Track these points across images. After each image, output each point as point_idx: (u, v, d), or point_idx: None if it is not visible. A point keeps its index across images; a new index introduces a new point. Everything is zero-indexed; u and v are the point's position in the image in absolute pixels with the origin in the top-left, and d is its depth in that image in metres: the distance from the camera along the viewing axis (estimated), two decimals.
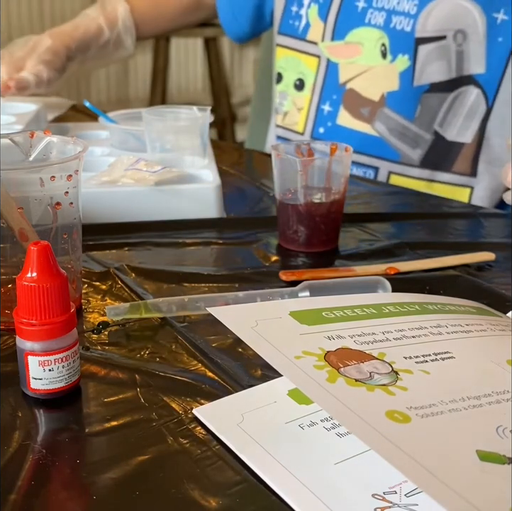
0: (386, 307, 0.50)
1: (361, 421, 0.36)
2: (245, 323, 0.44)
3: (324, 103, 1.02)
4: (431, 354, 0.44)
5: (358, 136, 0.98)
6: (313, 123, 1.03)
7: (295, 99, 1.06)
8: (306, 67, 1.04)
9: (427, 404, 0.38)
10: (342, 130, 1.00)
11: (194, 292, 0.59)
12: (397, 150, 0.97)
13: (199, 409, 0.44)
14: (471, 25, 0.90)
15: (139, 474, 0.39)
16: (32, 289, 0.43)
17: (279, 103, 1.09)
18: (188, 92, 3.29)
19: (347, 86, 0.99)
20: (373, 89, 0.97)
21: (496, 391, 0.40)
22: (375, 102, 0.97)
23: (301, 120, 1.05)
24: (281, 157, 0.69)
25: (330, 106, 1.01)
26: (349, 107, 0.99)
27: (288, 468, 0.39)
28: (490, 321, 0.50)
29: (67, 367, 0.45)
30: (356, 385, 0.39)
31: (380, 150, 0.98)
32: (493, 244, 0.71)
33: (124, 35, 1.14)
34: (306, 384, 0.39)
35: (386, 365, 0.42)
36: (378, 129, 0.97)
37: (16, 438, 0.41)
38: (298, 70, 1.05)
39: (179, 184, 0.76)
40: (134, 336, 0.53)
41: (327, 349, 0.42)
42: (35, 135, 0.56)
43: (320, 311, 0.48)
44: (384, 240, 0.73)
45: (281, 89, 1.08)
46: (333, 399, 0.37)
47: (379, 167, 0.99)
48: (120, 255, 0.68)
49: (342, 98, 1.00)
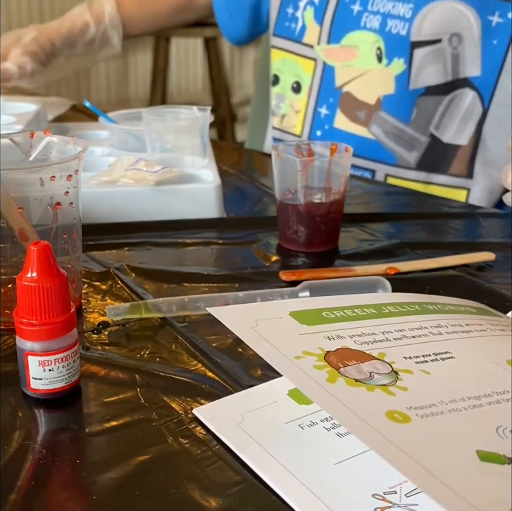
0: (386, 307, 0.50)
1: (361, 422, 0.36)
2: (245, 324, 0.44)
3: (321, 106, 1.02)
4: (431, 354, 0.44)
5: (354, 139, 0.99)
6: (310, 126, 1.03)
7: (292, 102, 1.06)
8: (303, 70, 1.04)
9: (427, 404, 0.38)
10: (339, 133, 1.00)
11: (194, 292, 0.59)
12: (393, 152, 0.97)
13: (199, 409, 0.44)
14: (467, 28, 0.90)
15: (139, 474, 0.39)
16: (32, 289, 0.43)
17: (275, 106, 1.09)
18: (188, 92, 3.29)
19: (343, 89, 0.99)
20: (369, 92, 0.97)
21: (496, 391, 0.40)
22: (371, 105, 0.97)
23: (298, 123, 1.05)
24: (281, 157, 0.69)
25: (327, 109, 1.01)
26: (345, 110, 1.00)
27: (288, 468, 0.39)
28: (490, 321, 0.50)
29: (67, 367, 0.45)
30: (356, 385, 0.39)
31: (376, 153, 0.98)
32: (493, 244, 0.71)
33: (111, 31, 1.14)
34: (306, 384, 0.39)
35: (386, 365, 0.42)
36: (374, 132, 0.98)
37: (16, 438, 0.41)
38: (295, 73, 1.05)
39: (179, 184, 0.76)
40: (134, 336, 0.53)
41: (327, 349, 0.42)
42: (35, 135, 0.56)
43: (320, 312, 0.48)
44: (384, 240, 0.73)
45: (278, 91, 1.08)
46: (333, 400, 0.37)
47: (375, 170, 0.99)
48: (120, 255, 0.68)
49: (339, 101, 1.00)
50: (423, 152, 0.96)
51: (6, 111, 0.96)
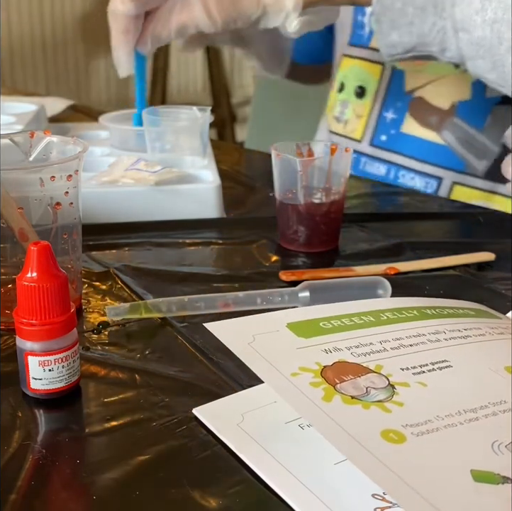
0: (384, 314, 0.50)
1: (355, 444, 0.36)
2: (242, 339, 0.44)
3: (387, 110, 0.99)
4: (428, 364, 0.44)
5: (424, 145, 0.96)
6: (373, 130, 1.01)
7: (355, 107, 1.03)
8: (369, 74, 1.01)
9: (423, 421, 0.38)
10: (406, 138, 0.98)
11: (194, 292, 0.59)
12: (463, 159, 0.95)
13: (199, 409, 0.44)
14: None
15: (139, 474, 0.39)
16: (32, 289, 0.43)
17: (340, 112, 1.06)
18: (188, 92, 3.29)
19: (414, 94, 0.97)
20: (443, 97, 0.94)
21: (492, 402, 0.40)
22: (444, 111, 0.94)
23: (359, 127, 1.02)
24: (281, 157, 0.69)
25: (394, 114, 0.98)
26: (416, 115, 0.97)
27: (288, 467, 0.39)
28: (489, 325, 0.50)
29: (67, 368, 0.45)
30: (352, 402, 0.39)
31: (445, 160, 0.95)
32: (493, 244, 0.71)
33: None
34: (302, 405, 0.39)
35: (383, 379, 0.42)
36: (445, 138, 0.95)
37: (16, 438, 0.41)
38: (359, 78, 1.02)
39: (179, 184, 0.76)
40: (134, 336, 0.53)
41: (323, 364, 0.42)
42: (35, 135, 0.56)
43: (318, 322, 0.48)
44: (383, 240, 0.73)
45: (343, 97, 1.05)
46: (328, 421, 0.37)
47: (442, 178, 0.96)
48: (120, 255, 0.68)
49: (409, 105, 0.97)
50: (493, 162, 0.93)
51: (6, 111, 0.96)
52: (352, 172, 0.95)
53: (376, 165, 1.00)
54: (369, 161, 1.01)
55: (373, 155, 1.00)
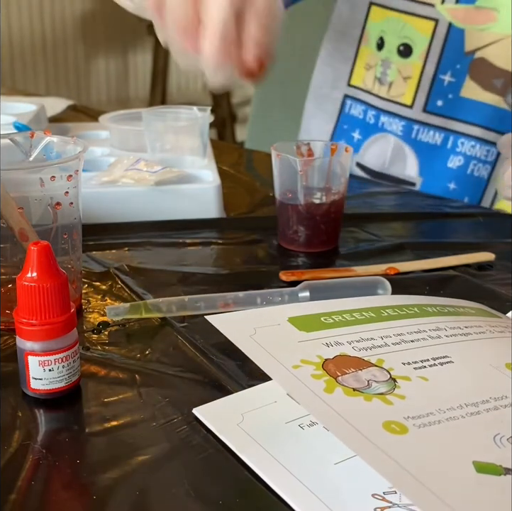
0: (385, 310, 0.50)
1: (358, 434, 0.36)
2: (243, 332, 0.44)
3: (444, 72, 0.91)
4: (429, 359, 0.44)
5: (486, 110, 0.89)
6: (427, 95, 0.92)
7: (400, 67, 0.94)
8: (416, 31, 0.92)
9: (425, 413, 0.38)
10: (466, 102, 0.90)
11: (194, 292, 0.59)
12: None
13: (199, 409, 0.44)
14: None
15: (139, 474, 0.39)
16: (32, 289, 0.43)
17: (382, 73, 0.95)
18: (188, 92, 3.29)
19: (475, 54, 0.88)
20: (509, 58, 0.87)
21: (493, 397, 0.40)
22: (510, 72, 0.87)
23: (408, 91, 0.93)
24: (281, 157, 0.69)
25: (452, 77, 0.90)
26: (478, 78, 0.89)
27: (288, 468, 0.39)
28: (489, 323, 0.50)
29: (67, 368, 0.45)
30: (353, 394, 0.39)
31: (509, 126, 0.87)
32: (493, 244, 0.71)
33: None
34: (303, 395, 0.39)
35: (384, 373, 0.42)
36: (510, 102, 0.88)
37: (16, 438, 0.41)
38: (402, 34, 0.93)
39: (179, 184, 0.76)
40: (134, 336, 0.53)
41: (325, 357, 0.42)
42: (35, 135, 0.56)
43: (319, 317, 0.48)
44: (383, 240, 0.73)
45: (384, 55, 0.95)
46: (330, 411, 0.37)
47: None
48: (120, 255, 0.68)
49: (469, 67, 0.89)
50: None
51: (6, 111, 0.96)
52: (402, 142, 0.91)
53: (431, 133, 0.93)
54: (423, 129, 0.93)
55: (427, 122, 0.92)
